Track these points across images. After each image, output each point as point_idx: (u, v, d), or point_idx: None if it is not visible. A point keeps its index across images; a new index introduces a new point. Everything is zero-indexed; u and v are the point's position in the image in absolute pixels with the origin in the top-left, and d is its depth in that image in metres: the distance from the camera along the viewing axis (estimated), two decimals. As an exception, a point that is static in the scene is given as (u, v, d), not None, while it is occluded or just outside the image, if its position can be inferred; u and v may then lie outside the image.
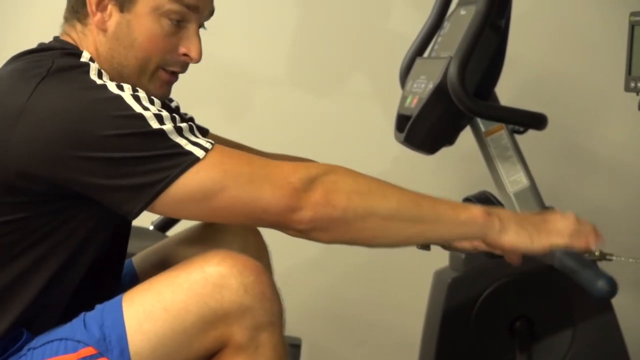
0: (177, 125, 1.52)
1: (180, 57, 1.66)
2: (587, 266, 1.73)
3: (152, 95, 1.63)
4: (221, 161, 1.53)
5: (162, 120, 1.51)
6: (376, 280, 2.93)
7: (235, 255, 1.60)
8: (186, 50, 1.65)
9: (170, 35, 1.64)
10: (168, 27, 1.63)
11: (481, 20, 2.17)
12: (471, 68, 2.17)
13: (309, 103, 2.96)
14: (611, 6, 2.77)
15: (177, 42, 1.65)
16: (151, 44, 1.64)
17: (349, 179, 1.59)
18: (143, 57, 1.64)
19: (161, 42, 1.64)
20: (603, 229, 2.67)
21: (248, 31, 2.89)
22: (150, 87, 1.66)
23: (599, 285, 1.68)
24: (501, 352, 2.28)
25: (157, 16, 1.63)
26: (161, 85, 1.68)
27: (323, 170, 1.56)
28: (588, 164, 3.02)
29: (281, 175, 1.54)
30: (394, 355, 2.93)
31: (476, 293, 2.28)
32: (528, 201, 2.30)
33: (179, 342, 1.60)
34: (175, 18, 1.63)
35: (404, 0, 2.93)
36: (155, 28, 1.63)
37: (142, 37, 1.64)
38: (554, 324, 2.29)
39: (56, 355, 1.55)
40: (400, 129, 2.30)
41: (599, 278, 1.69)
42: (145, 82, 1.66)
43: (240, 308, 1.63)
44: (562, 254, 1.78)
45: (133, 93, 1.54)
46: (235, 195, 1.53)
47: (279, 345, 1.67)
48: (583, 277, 1.72)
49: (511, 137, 2.33)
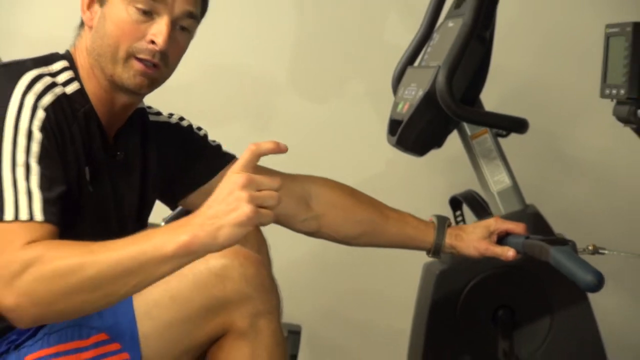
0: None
1: (147, 44, 1.62)
2: (577, 262, 1.74)
3: (127, 86, 1.63)
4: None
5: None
6: (370, 272, 2.93)
7: (236, 249, 1.58)
8: (152, 37, 1.62)
9: (137, 22, 1.62)
10: (135, 15, 1.62)
11: (467, 32, 2.17)
12: (458, 76, 2.17)
13: (309, 108, 2.96)
14: (588, 19, 2.77)
15: (145, 31, 1.62)
16: (118, 30, 1.62)
17: (48, 266, 1.41)
18: (113, 43, 1.63)
19: (127, 28, 1.62)
20: (581, 225, 2.70)
21: (255, 44, 2.89)
22: (124, 76, 1.63)
23: (588, 279, 1.69)
24: (485, 339, 2.27)
25: (124, 5, 1.62)
26: (134, 74, 1.63)
27: (27, 264, 1.41)
28: (566, 165, 3.02)
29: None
30: (386, 340, 2.92)
31: (462, 284, 2.26)
32: (510, 199, 2.31)
33: (185, 328, 1.60)
34: (141, 7, 1.61)
35: (396, 14, 2.92)
36: (122, 15, 1.62)
37: (112, 24, 1.63)
38: (534, 312, 2.28)
39: (71, 340, 1.54)
40: (392, 133, 2.30)
41: (588, 273, 1.69)
42: (119, 71, 1.63)
43: (241, 297, 1.63)
44: (555, 251, 1.78)
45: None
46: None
47: (277, 332, 1.67)
48: (574, 272, 1.72)
49: (495, 140, 2.33)
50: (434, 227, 1.98)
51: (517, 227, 1.95)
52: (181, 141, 1.87)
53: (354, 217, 1.97)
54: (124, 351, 1.55)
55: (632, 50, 1.88)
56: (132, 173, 1.76)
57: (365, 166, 2.91)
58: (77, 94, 1.63)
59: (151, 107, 1.87)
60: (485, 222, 1.97)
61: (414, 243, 2.00)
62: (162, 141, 1.84)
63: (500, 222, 1.96)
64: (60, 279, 1.41)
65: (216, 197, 1.40)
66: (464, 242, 1.96)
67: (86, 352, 1.53)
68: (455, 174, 2.82)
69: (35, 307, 1.42)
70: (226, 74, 2.90)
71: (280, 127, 2.93)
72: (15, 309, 1.42)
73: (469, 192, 2.47)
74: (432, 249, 1.98)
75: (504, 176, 2.32)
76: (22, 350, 1.56)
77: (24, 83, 1.56)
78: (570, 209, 2.94)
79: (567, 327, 2.28)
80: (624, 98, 1.91)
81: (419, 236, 1.98)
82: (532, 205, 2.32)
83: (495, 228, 1.94)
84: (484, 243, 1.94)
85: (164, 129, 1.86)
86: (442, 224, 1.98)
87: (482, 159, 2.32)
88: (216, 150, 1.92)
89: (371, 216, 1.98)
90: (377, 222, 1.98)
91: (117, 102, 1.68)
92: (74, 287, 1.41)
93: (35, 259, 1.41)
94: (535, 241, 1.86)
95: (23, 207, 1.47)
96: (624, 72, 1.90)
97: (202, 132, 1.92)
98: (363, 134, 2.90)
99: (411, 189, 2.93)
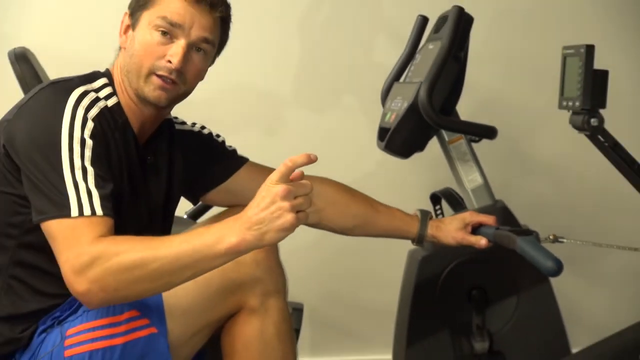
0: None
1: (166, 63, 1.62)
2: (540, 250, 1.73)
3: (148, 98, 1.63)
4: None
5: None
6: (362, 258, 2.92)
7: None
8: (169, 57, 1.62)
9: (159, 44, 1.62)
10: (157, 38, 1.62)
11: (445, 53, 2.17)
12: (437, 90, 2.16)
13: (310, 118, 2.95)
14: (548, 41, 2.76)
15: (165, 51, 1.62)
16: (143, 50, 1.62)
17: (115, 260, 1.43)
18: (138, 61, 1.63)
19: (150, 49, 1.62)
20: (540, 218, 2.69)
21: (260, 62, 2.88)
22: (146, 90, 1.63)
23: (549, 265, 1.68)
24: (461, 316, 2.26)
25: (149, 29, 1.62)
26: (154, 88, 1.63)
27: (96, 256, 1.43)
28: (529, 166, 3.01)
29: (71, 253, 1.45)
30: (376, 317, 2.91)
31: (441, 268, 2.25)
32: (482, 195, 2.30)
33: (205, 306, 1.61)
34: (162, 30, 1.61)
35: (384, 38, 2.92)
36: (147, 38, 1.62)
37: (138, 45, 1.63)
38: (503, 292, 2.27)
39: (107, 316, 1.54)
40: (381, 139, 2.29)
41: (549, 259, 1.69)
42: (142, 85, 1.63)
43: (253, 279, 1.64)
44: (521, 240, 1.77)
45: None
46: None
47: (284, 309, 1.68)
48: (537, 259, 1.71)
49: (469, 145, 2.32)
50: (417, 220, 1.98)
51: (488, 219, 1.95)
52: (202, 146, 1.87)
53: (349, 212, 1.96)
54: (152, 326, 1.55)
55: (585, 68, 1.89)
56: (160, 174, 1.76)
57: (358, 167, 2.90)
58: (116, 107, 1.64)
59: (177, 118, 1.87)
60: (461, 215, 1.97)
61: (401, 233, 1.99)
62: (186, 146, 1.83)
63: (474, 215, 1.96)
64: (126, 271, 1.42)
65: (258, 204, 1.41)
66: (443, 232, 1.96)
67: (119, 326, 1.54)
68: (435, 173, 2.81)
69: (103, 293, 1.43)
70: (240, 89, 2.90)
71: (286, 134, 2.92)
72: (87, 293, 1.43)
73: (447, 189, 2.47)
74: (416, 239, 1.98)
75: (476, 176, 2.31)
76: (64, 325, 1.57)
77: (74, 98, 1.56)
78: (532, 203, 2.93)
79: (531, 305, 2.27)
80: (578, 109, 1.93)
81: (405, 227, 1.98)
82: (501, 201, 2.32)
83: (470, 220, 1.95)
84: (460, 233, 1.93)
85: (188, 136, 1.86)
86: (424, 217, 1.98)
87: (458, 161, 2.31)
88: (232, 154, 1.91)
89: (364, 210, 1.98)
90: (370, 216, 1.98)
91: (145, 113, 1.68)
92: (138, 278, 1.43)
93: (103, 252, 1.43)
94: (504, 232, 1.85)
95: (85, 204, 1.47)
96: (579, 87, 1.91)
97: (220, 138, 1.91)
98: (356, 139, 2.89)
99: (397, 186, 2.92)
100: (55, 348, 1.55)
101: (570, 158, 2.96)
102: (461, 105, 2.31)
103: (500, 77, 2.94)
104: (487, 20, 2.81)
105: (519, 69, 2.94)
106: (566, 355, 2.26)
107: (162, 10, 1.61)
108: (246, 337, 1.64)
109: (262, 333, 1.64)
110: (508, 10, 2.93)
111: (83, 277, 1.42)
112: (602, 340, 2.06)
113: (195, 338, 1.64)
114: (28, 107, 1.55)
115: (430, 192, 2.49)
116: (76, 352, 1.53)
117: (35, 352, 1.56)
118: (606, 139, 1.95)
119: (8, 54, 2.28)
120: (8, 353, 1.60)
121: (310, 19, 2.91)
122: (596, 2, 2.92)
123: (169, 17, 1.61)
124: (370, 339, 2.98)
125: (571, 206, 3.00)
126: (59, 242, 1.46)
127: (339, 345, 3.00)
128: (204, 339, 1.66)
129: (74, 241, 1.44)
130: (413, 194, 2.87)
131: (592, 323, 2.96)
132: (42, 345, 1.56)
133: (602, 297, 3.04)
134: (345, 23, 2.91)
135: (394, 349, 2.42)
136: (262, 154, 1.99)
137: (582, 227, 2.94)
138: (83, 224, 1.46)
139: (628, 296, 3.03)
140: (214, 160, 1.87)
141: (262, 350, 1.64)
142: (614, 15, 2.91)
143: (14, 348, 1.60)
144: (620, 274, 3.02)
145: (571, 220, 2.96)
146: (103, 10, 2.70)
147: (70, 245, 1.44)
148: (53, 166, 1.48)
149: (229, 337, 1.66)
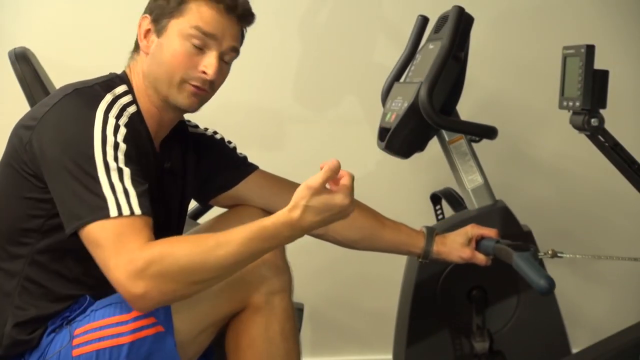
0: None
1: (200, 74, 1.64)
2: (534, 268, 1.76)
3: (181, 105, 1.65)
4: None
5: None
6: (363, 258, 2.88)
7: None
8: (204, 68, 1.64)
9: (191, 55, 1.63)
10: (189, 48, 1.63)
11: (445, 53, 2.18)
12: (437, 90, 2.17)
13: (312, 118, 2.95)
14: (548, 41, 2.76)
15: (198, 62, 1.64)
16: (174, 59, 1.63)
17: (172, 263, 1.46)
18: (169, 70, 1.64)
19: (182, 59, 1.63)
20: (540, 217, 2.70)
21: (260, 62, 2.87)
22: (179, 98, 1.65)
23: (541, 283, 1.72)
24: (461, 316, 2.26)
25: (181, 39, 1.63)
26: (188, 96, 1.65)
27: (151, 261, 1.45)
28: (529, 166, 3.01)
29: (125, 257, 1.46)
30: (377, 317, 2.91)
31: (441, 268, 2.26)
32: (482, 195, 2.30)
33: (210, 305, 1.63)
34: (195, 41, 1.63)
35: (384, 39, 2.92)
36: (178, 47, 1.63)
37: (168, 54, 1.64)
38: (503, 292, 2.27)
39: (114, 315, 1.56)
40: (381, 139, 2.29)
41: (541, 278, 1.73)
42: (174, 93, 1.65)
43: (259, 277, 1.65)
44: (517, 257, 1.81)
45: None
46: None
47: (289, 307, 1.70)
48: (530, 277, 1.75)
49: (469, 145, 2.33)
50: (424, 236, 2.00)
51: (490, 232, 1.99)
52: (215, 151, 1.89)
53: (355, 224, 1.95)
54: (158, 324, 1.56)
55: (586, 68, 1.89)
56: (176, 178, 1.78)
57: (359, 167, 2.89)
58: (137, 114, 1.65)
59: (190, 121, 1.88)
60: (464, 230, 2.00)
61: (407, 248, 2.01)
62: (199, 150, 1.85)
63: (475, 228, 2.00)
64: (185, 275, 1.45)
65: (327, 207, 1.48)
66: (448, 248, 1.98)
67: (127, 325, 1.54)
68: (435, 173, 2.82)
69: (161, 295, 1.46)
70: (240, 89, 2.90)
71: (286, 134, 2.93)
72: (145, 295, 1.45)
73: (447, 189, 2.48)
74: (422, 254, 2.00)
75: (476, 176, 2.32)
76: (73, 325, 1.58)
77: (103, 107, 1.57)
78: (533, 203, 2.94)
79: (531, 305, 2.27)
80: (579, 109, 1.93)
81: (411, 242, 1.99)
82: (501, 200, 2.32)
83: (472, 234, 1.98)
84: (467, 251, 1.98)
85: (201, 140, 1.87)
86: (430, 233, 2.00)
87: (458, 161, 2.32)
88: (243, 161, 1.93)
89: (370, 223, 1.98)
90: (376, 229, 1.98)
91: (165, 117, 1.70)
92: (196, 280, 1.47)
93: (159, 257, 1.44)
94: (503, 246, 1.90)
95: (124, 204, 1.48)
96: (579, 87, 1.91)
97: (231, 145, 1.93)
98: (357, 139, 2.88)
99: (398, 187, 2.93)
100: (63, 348, 1.56)
101: (570, 158, 2.97)
102: (461, 105, 2.32)
103: (500, 77, 2.94)
104: (488, 20, 2.82)
105: (519, 69, 2.94)
106: (566, 355, 2.26)
107: (195, 20, 1.62)
108: (251, 335, 1.66)
109: (267, 331, 1.66)
110: (508, 11, 2.93)
111: (140, 281, 1.43)
112: (602, 340, 2.07)
113: (202, 336, 1.66)
114: (55, 116, 1.55)
115: (430, 192, 2.51)
116: (84, 352, 1.54)
117: (44, 352, 1.58)
118: (606, 139, 1.96)
119: (8, 54, 2.28)
120: (17, 354, 1.61)
121: (310, 19, 2.91)
122: (596, 2, 2.92)
123: (203, 27, 1.62)
124: (371, 339, 2.98)
125: (571, 206, 3.00)
126: (103, 249, 1.46)
127: (339, 345, 3.01)
128: (210, 337, 1.68)
129: (121, 247, 1.45)
130: (413, 194, 2.88)
131: (592, 323, 2.97)
132: (50, 345, 1.57)
133: (602, 297, 3.05)
134: (345, 23, 2.92)
135: (394, 349, 2.43)
136: (262, 154, 2.01)
137: (582, 227, 2.96)
138: (127, 229, 1.46)
139: (628, 296, 3.03)
140: (225, 166, 1.89)
141: (266, 349, 1.66)
142: (614, 15, 2.92)
143: (24, 349, 1.61)
144: (620, 275, 3.02)
145: (571, 220, 2.97)
146: (103, 11, 2.71)
147: (118, 252, 1.44)
148: (87, 172, 1.49)
149: (234, 334, 1.68)
